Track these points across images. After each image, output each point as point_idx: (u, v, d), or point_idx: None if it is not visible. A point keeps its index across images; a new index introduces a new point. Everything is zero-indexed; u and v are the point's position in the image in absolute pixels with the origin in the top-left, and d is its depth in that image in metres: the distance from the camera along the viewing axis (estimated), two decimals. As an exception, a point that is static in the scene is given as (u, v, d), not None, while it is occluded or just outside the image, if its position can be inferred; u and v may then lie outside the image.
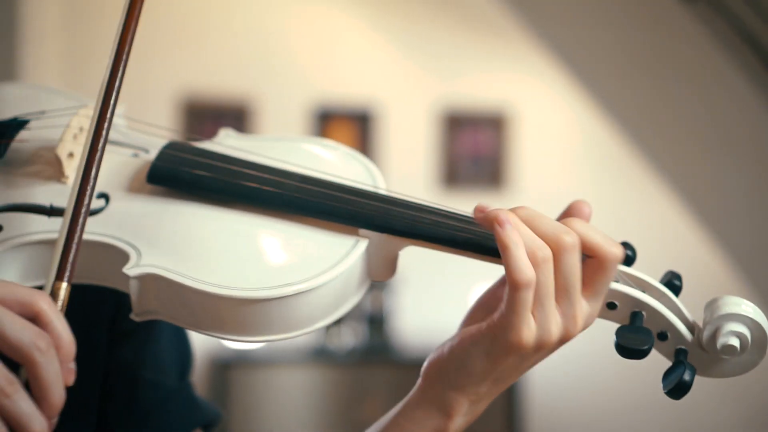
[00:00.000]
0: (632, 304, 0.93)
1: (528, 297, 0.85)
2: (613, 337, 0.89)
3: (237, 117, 5.46)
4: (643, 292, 0.94)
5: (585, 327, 0.91)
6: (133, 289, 0.90)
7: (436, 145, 5.67)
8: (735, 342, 0.91)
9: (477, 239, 0.92)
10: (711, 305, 0.93)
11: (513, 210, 0.89)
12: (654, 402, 5.43)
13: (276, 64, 5.55)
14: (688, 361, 0.92)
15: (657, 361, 0.98)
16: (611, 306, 0.94)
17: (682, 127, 3.55)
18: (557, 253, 0.86)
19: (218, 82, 5.51)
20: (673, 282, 0.97)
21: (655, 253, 5.36)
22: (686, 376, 0.90)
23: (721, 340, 0.91)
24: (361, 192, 0.97)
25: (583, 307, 0.89)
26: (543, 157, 5.72)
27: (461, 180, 5.59)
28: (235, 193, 0.96)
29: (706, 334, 0.92)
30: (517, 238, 0.85)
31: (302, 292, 0.89)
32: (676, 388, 0.90)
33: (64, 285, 0.80)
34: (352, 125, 5.61)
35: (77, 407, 1.06)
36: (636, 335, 0.90)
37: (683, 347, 0.94)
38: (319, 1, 5.63)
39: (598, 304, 0.91)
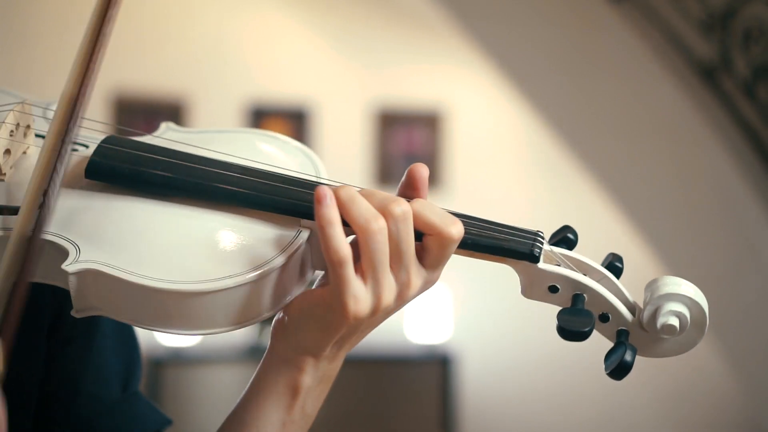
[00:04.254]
0: (573, 287, 0.95)
1: (347, 273, 0.88)
2: (548, 323, 0.93)
3: (171, 114, 5.41)
4: (584, 275, 0.95)
5: (422, 291, 0.94)
6: (72, 286, 0.89)
7: (370, 144, 5.70)
8: (674, 321, 0.93)
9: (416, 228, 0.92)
10: (651, 285, 0.95)
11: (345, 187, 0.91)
12: (586, 396, 5.52)
13: (210, 61, 5.52)
14: (630, 342, 0.94)
15: (588, 352, 1.01)
16: (553, 289, 0.95)
17: (611, 124, 3.62)
18: (386, 220, 0.88)
19: (152, 79, 5.46)
20: (614, 264, 0.98)
21: (586, 248, 5.43)
22: (627, 357, 0.91)
23: (661, 320, 0.93)
24: (302, 182, 0.96)
25: (418, 272, 0.92)
26: (477, 155, 5.77)
27: (395, 178, 5.61)
28: (174, 186, 0.95)
29: (646, 314, 0.94)
30: (332, 217, 0.87)
31: (243, 284, 0.89)
32: (618, 369, 0.92)
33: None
34: (287, 123, 5.60)
35: (14, 414, 1.05)
36: (577, 317, 0.92)
37: (624, 328, 0.95)
38: (253, -2, 5.62)
39: (438, 272, 0.93)
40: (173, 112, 5.44)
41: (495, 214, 1.00)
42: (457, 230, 0.91)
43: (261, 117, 5.58)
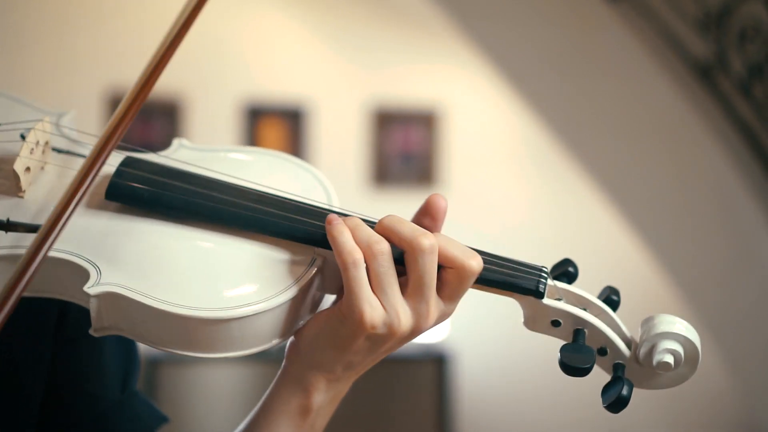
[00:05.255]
0: (575, 322, 0.99)
1: (358, 275, 0.91)
2: (547, 350, 0.95)
3: (167, 114, 5.41)
4: (585, 309, 0.99)
5: (439, 323, 0.97)
6: (93, 307, 0.91)
7: (366, 143, 5.70)
8: (669, 359, 0.97)
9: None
10: (647, 323, 0.99)
11: (380, 221, 0.94)
12: (583, 395, 5.53)
13: (207, 61, 5.51)
14: (626, 376, 0.98)
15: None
16: (556, 324, 0.99)
17: (608, 123, 3.62)
18: (413, 252, 0.92)
19: (147, 78, 5.45)
20: (611, 297, 1.02)
21: (584, 248, 5.47)
22: (624, 392, 0.96)
23: (657, 357, 0.97)
24: (316, 212, 0.99)
25: (436, 305, 0.95)
26: (473, 155, 5.77)
27: (391, 178, 5.62)
28: (193, 211, 0.97)
29: (642, 351, 0.98)
30: (341, 229, 0.92)
31: (260, 312, 0.91)
32: (615, 403, 0.96)
33: None
34: (283, 123, 5.60)
35: (18, 413, 1.06)
36: (579, 354, 0.97)
37: (621, 362, 1.00)
38: (249, -2, 5.61)
39: (455, 305, 0.97)
40: (170, 111, 5.43)
41: (491, 213, 1.01)
42: (477, 263, 0.94)
43: (258, 116, 5.57)
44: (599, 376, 1.00)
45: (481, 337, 5.63)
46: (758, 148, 3.34)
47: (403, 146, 5.70)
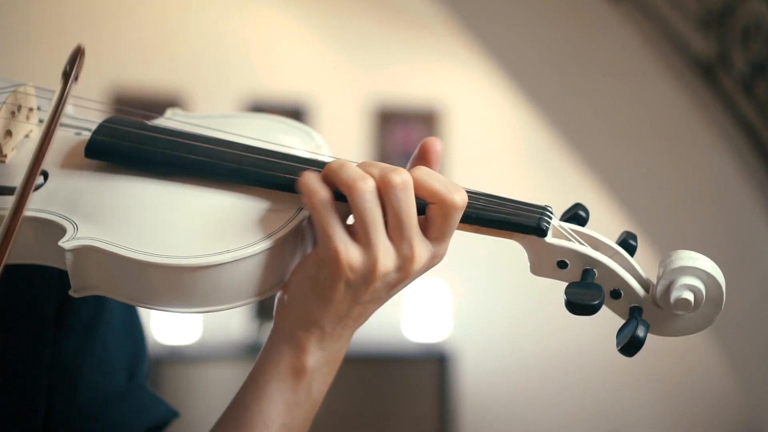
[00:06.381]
0: (583, 261, 0.92)
1: (327, 214, 0.87)
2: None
3: (168, 112, 5.41)
4: (595, 250, 0.92)
5: (430, 266, 0.91)
6: (69, 264, 0.88)
7: (367, 141, 5.69)
8: (689, 296, 0.89)
9: (421, 201, 0.90)
10: (665, 260, 0.91)
11: (358, 164, 0.90)
12: (584, 394, 5.52)
13: (208, 59, 5.52)
14: (643, 318, 0.90)
15: (587, 352, 1.01)
16: (562, 265, 0.92)
17: (609, 122, 3.62)
18: (385, 190, 0.87)
19: (150, 75, 5.46)
20: (628, 241, 0.95)
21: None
22: (639, 332, 0.88)
23: (675, 294, 0.89)
24: (302, 159, 0.95)
25: (422, 245, 0.89)
26: (474, 153, 5.77)
27: (393, 176, 5.61)
28: (175, 164, 0.94)
29: (659, 289, 0.90)
30: (309, 173, 0.88)
31: (242, 259, 0.88)
32: (629, 344, 0.88)
33: None
34: (285, 121, 5.60)
35: (24, 401, 1.05)
36: (586, 290, 0.89)
37: (637, 305, 0.91)
38: (250, -4, 5.61)
39: (444, 246, 0.91)
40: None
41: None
42: (461, 197, 0.89)
43: (259, 115, 5.57)
44: (601, 376, 0.97)
45: (482, 337, 5.63)
46: (760, 147, 3.34)
47: (404, 145, 5.70)
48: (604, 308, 0.91)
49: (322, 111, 5.63)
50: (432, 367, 5.34)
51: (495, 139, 5.81)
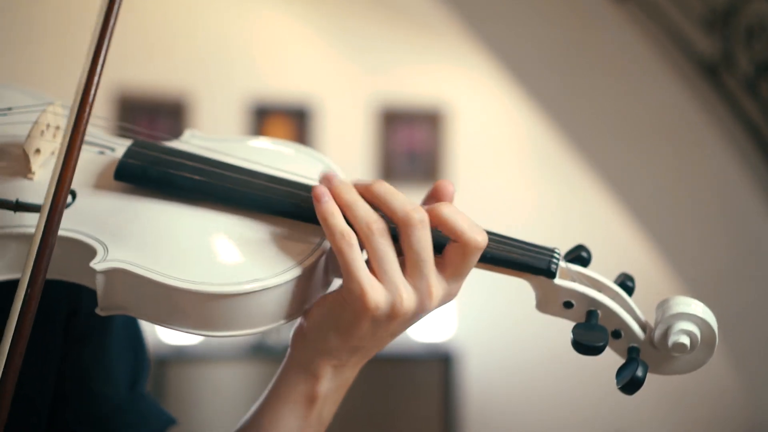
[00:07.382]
0: (588, 303, 0.97)
1: (352, 254, 0.89)
2: (562, 336, 0.94)
3: (173, 113, 5.42)
4: (599, 292, 0.98)
5: (444, 302, 0.94)
6: (99, 284, 0.90)
7: (372, 142, 5.70)
8: (685, 340, 0.95)
9: (438, 239, 0.93)
10: (663, 305, 0.97)
11: (367, 185, 0.92)
12: (588, 394, 5.52)
13: (213, 59, 5.53)
14: (641, 359, 0.96)
15: (591, 365, 1.02)
16: (568, 305, 0.98)
17: (613, 122, 3.62)
18: (405, 227, 0.89)
19: (155, 77, 5.47)
20: (626, 283, 1.01)
21: (588, 246, 5.42)
22: (639, 373, 0.94)
23: (672, 339, 0.95)
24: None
25: (438, 283, 0.92)
26: (478, 153, 5.78)
27: (397, 176, 5.62)
28: (202, 191, 0.97)
29: (657, 333, 0.96)
30: (332, 209, 0.90)
31: (266, 289, 0.90)
32: (630, 384, 0.94)
33: None
34: (289, 121, 5.60)
35: (29, 410, 1.06)
36: (592, 332, 0.94)
37: (636, 345, 0.97)
38: (255, -3, 5.62)
39: (459, 284, 0.94)
40: (176, 110, 5.44)
41: (496, 211, 1.00)
42: (483, 239, 0.91)
43: (264, 115, 5.58)
44: (604, 375, 0.99)
45: (486, 337, 5.63)
46: (764, 147, 3.34)
47: (409, 145, 5.71)
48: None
49: (326, 111, 5.63)
50: (436, 367, 5.35)
51: (499, 139, 5.82)
